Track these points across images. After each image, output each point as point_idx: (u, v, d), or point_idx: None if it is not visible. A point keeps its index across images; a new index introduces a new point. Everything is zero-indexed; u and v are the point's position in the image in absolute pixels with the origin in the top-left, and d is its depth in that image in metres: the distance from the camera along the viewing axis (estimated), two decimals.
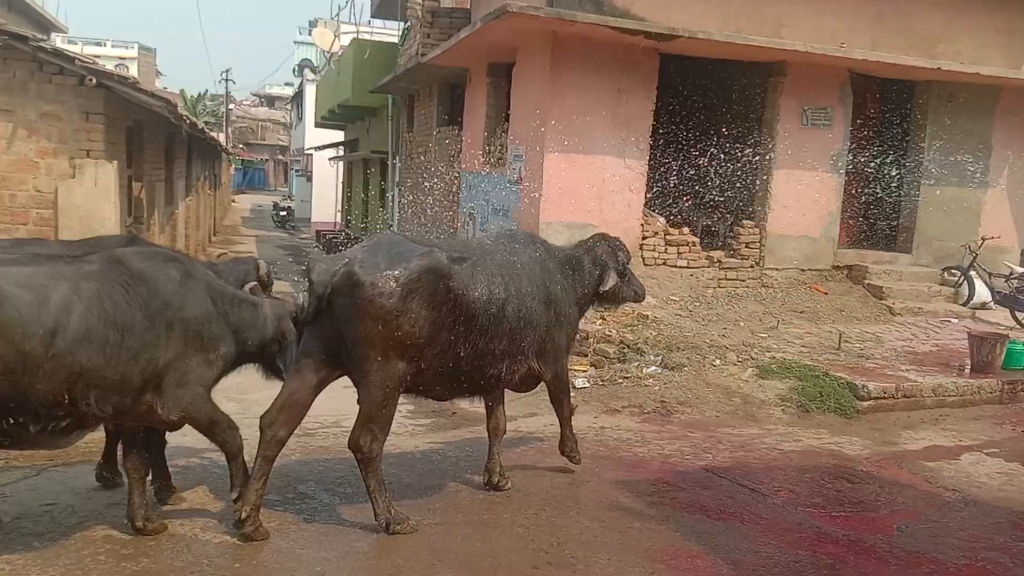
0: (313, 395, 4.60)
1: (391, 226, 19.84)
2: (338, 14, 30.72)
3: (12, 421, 3.70)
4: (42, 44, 7.96)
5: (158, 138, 12.46)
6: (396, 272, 4.34)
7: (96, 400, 3.83)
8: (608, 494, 5.48)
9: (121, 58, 57.13)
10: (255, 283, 5.05)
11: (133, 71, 46.40)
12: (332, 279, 4.34)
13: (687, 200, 11.70)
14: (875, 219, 12.04)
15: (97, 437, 4.93)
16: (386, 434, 4.59)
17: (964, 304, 11.17)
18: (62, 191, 8.11)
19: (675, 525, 5.00)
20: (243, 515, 4.38)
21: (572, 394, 5.92)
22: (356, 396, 4.60)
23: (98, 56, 33.67)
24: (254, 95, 72.80)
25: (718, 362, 8.32)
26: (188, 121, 11.47)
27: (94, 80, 7.96)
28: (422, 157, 16.99)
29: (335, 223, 30.68)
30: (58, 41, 26.97)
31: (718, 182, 11.34)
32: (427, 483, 5.49)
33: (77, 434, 4.09)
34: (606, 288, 5.64)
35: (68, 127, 8.18)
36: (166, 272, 4.15)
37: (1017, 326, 10.47)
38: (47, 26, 31.42)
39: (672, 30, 9.77)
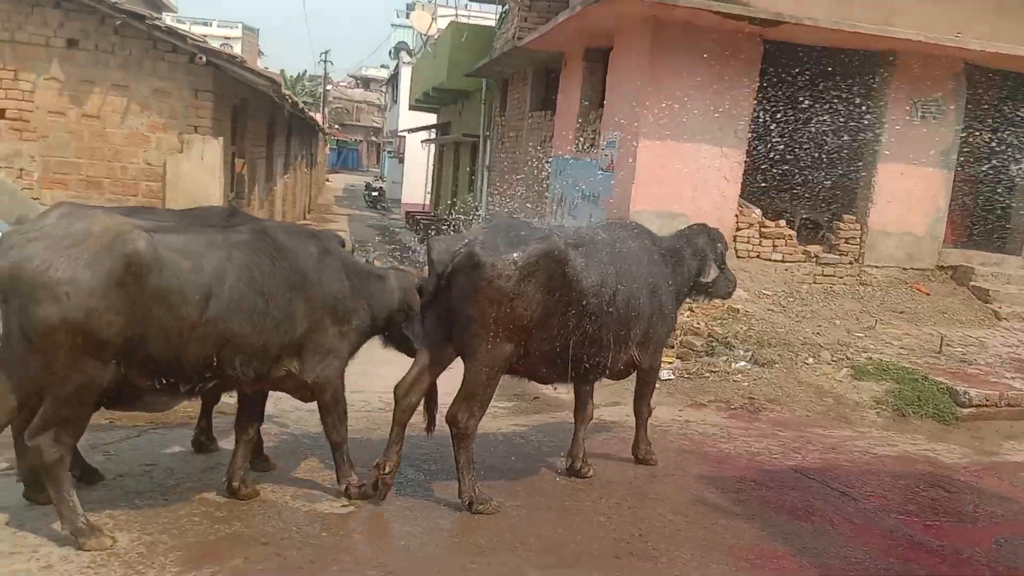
0: (440, 369, 4.75)
1: (478, 209, 19.96)
2: None
3: (165, 381, 3.88)
4: (157, 23, 8.30)
5: (261, 116, 12.84)
6: (515, 255, 4.40)
7: (241, 364, 4.00)
8: (692, 488, 5.40)
9: (226, 38, 58.99)
10: None
11: (237, 51, 47.94)
12: (453, 259, 4.42)
13: (785, 192, 11.37)
14: (984, 218, 11.46)
15: (194, 403, 5.13)
16: (483, 413, 4.66)
17: None
18: (170, 165, 8.45)
19: (761, 524, 4.89)
20: (386, 470, 4.60)
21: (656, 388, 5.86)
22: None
23: (204, 36, 34.94)
24: (351, 76, 74.24)
25: (811, 360, 8.08)
26: (290, 101, 11.78)
27: (204, 58, 8.26)
28: (513, 141, 17.02)
29: (424, 204, 31.09)
30: (168, 20, 28.10)
31: (818, 174, 10.98)
32: (509, 466, 5.52)
33: (180, 397, 4.26)
34: (707, 280, 5.61)
35: (178, 103, 8.51)
36: (307, 247, 4.31)
37: None
38: (158, 5, 32.68)
39: (778, 16, 9.49)
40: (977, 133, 11.28)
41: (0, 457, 4.78)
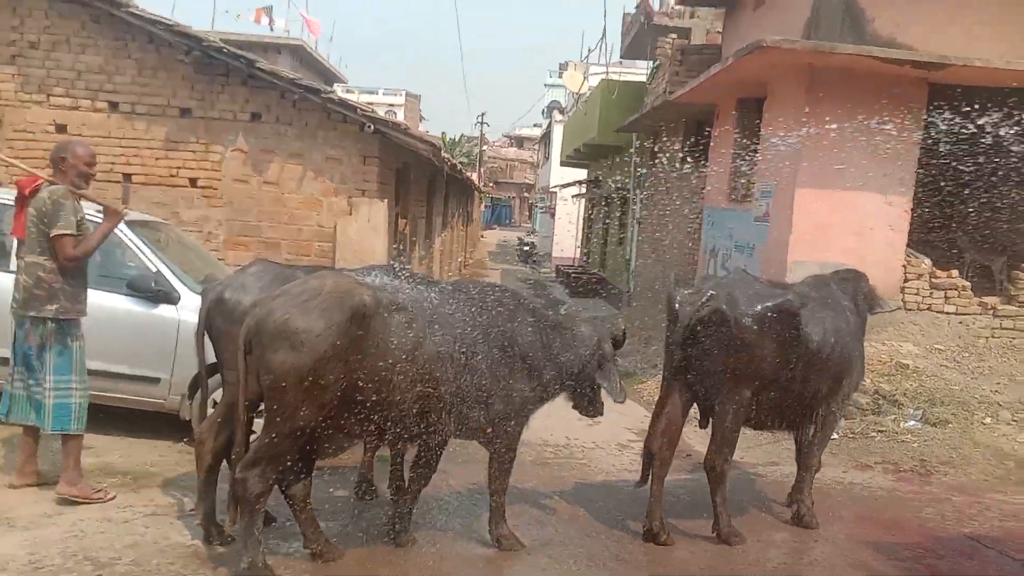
0: (685, 418, 5.23)
1: (629, 262, 19.95)
2: (587, 56, 31.66)
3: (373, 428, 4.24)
4: (331, 96, 8.97)
5: (421, 178, 13.50)
6: (757, 310, 4.86)
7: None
8: (858, 555, 5.13)
9: (391, 105, 62.47)
10: None
11: (400, 116, 50.69)
12: (698, 311, 4.81)
13: (958, 240, 10.71)
14: None
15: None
16: (732, 455, 5.14)
17: None
18: (340, 226, 9.04)
19: None
20: (654, 528, 4.99)
21: None
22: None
23: (371, 103, 37.21)
24: (505, 136, 76.59)
25: (989, 420, 7.53)
26: (448, 163, 12.34)
27: (372, 127, 8.83)
28: (663, 194, 16.97)
29: (574, 258, 31.39)
30: (339, 91, 30.17)
31: (993, 220, 10.28)
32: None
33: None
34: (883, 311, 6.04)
35: (348, 169, 9.13)
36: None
37: None
38: (330, 78, 35.22)
39: (944, 58, 9.09)
40: None
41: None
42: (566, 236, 32.93)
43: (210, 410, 6.06)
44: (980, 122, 11.50)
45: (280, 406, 3.88)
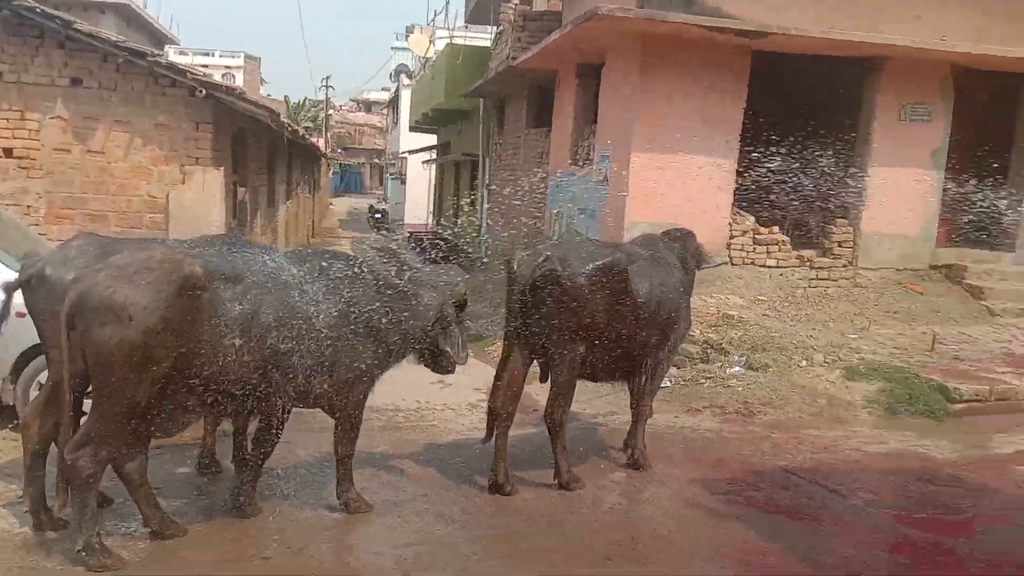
0: (525, 374, 5.41)
1: (480, 228, 20.19)
2: (433, 19, 31.42)
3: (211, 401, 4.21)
4: (158, 59, 8.56)
5: (261, 144, 13.09)
6: (587, 269, 5.11)
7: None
8: (684, 492, 5.54)
9: (228, 67, 59.51)
10: None
11: (239, 80, 48.47)
12: (533, 272, 5.03)
13: (778, 199, 11.50)
14: (977, 217, 11.56)
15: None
16: (570, 406, 5.42)
17: None
18: (173, 196, 8.69)
19: (750, 524, 5.02)
20: (499, 480, 5.20)
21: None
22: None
23: (206, 66, 35.37)
24: (352, 100, 74.85)
25: (804, 363, 8.21)
26: (289, 128, 12.04)
27: (204, 91, 8.50)
28: (511, 159, 17.24)
29: (427, 224, 31.35)
30: (171, 53, 28.50)
31: (810, 180, 11.13)
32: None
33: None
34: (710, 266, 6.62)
35: (179, 136, 8.75)
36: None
37: None
38: (161, 39, 33.21)
39: (765, 27, 9.69)
40: (967, 134, 11.42)
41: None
42: (418, 202, 32.78)
43: (35, 392, 5.83)
44: (797, 88, 12.39)
45: (108, 384, 3.77)
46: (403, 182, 36.83)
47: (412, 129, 29.81)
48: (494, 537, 4.71)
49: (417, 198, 32.80)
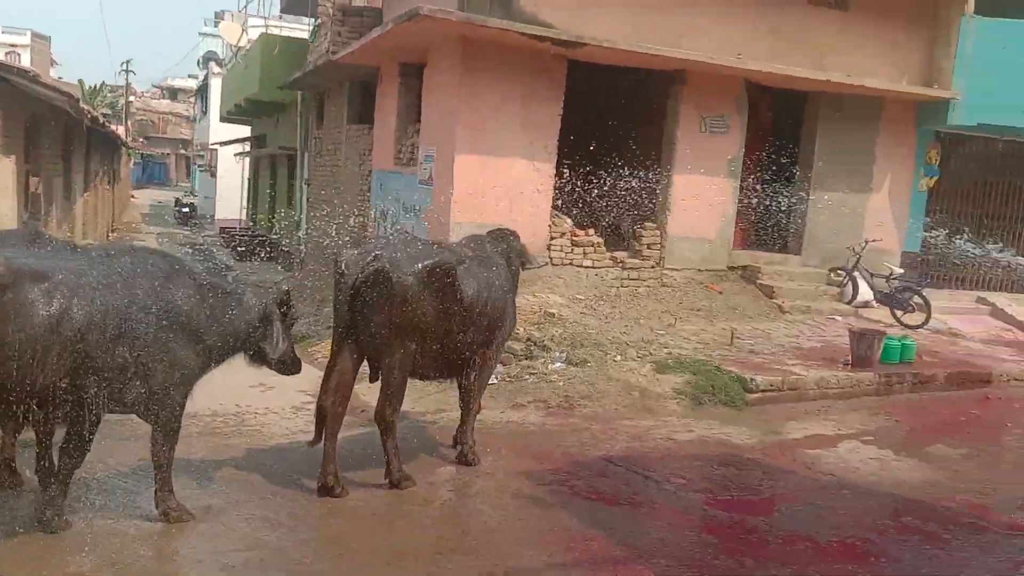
0: (355, 375, 5.41)
1: (299, 224, 19.67)
2: (246, 6, 30.16)
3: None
4: None
5: (56, 132, 12.09)
6: (416, 268, 5.16)
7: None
8: (511, 484, 5.72)
9: (12, 45, 54.20)
10: None
11: (25, 59, 44.26)
12: (362, 272, 4.99)
13: (592, 202, 12.06)
14: (767, 222, 12.68)
15: None
16: (401, 405, 5.46)
17: (848, 303, 11.88)
18: None
19: (573, 511, 5.28)
20: (328, 483, 5.14)
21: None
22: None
23: None
24: (156, 87, 70.45)
25: (619, 358, 8.68)
26: (89, 115, 11.19)
27: None
28: (332, 155, 16.93)
29: (240, 220, 30.09)
30: None
31: (622, 185, 11.76)
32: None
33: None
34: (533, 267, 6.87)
35: None
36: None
37: (895, 323, 11.22)
38: None
39: (579, 38, 10.12)
40: (758, 145, 12.49)
41: None
42: (230, 197, 31.36)
43: None
44: (610, 98, 13.04)
45: None
46: (213, 175, 35.11)
47: (224, 120, 28.49)
48: (324, 539, 4.67)
49: (229, 192, 31.39)
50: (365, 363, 5.55)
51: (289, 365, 5.27)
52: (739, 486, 6.05)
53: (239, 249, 23.28)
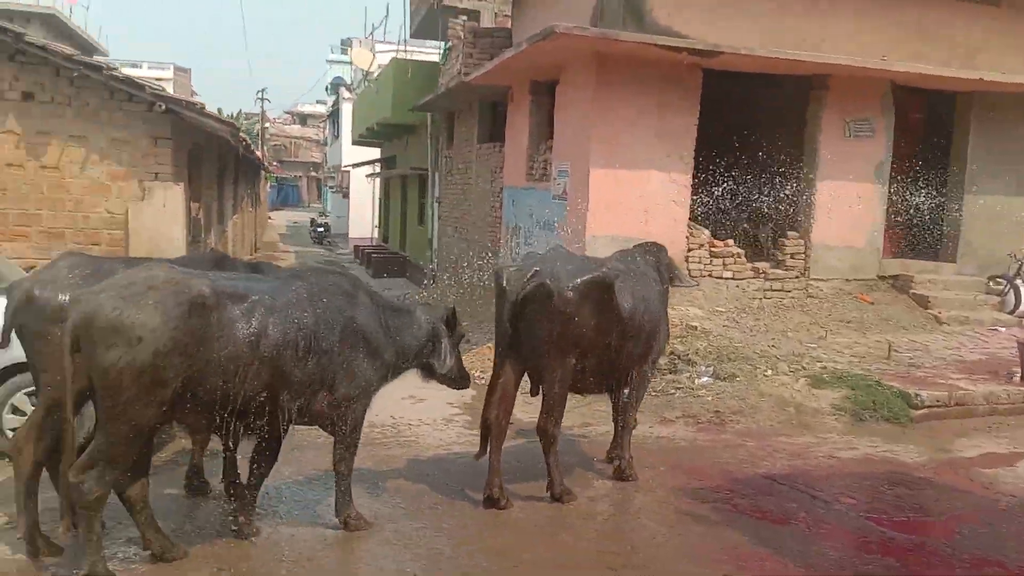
0: (517, 388, 5.43)
1: (431, 241, 20.15)
2: (372, 32, 31.28)
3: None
4: (114, 73, 8.35)
5: (212, 159, 12.86)
6: (576, 283, 5.17)
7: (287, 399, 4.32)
8: (671, 500, 5.65)
9: (158, 79, 58.09)
10: None
11: (170, 92, 47.32)
12: (523, 287, 5.06)
13: (732, 212, 11.82)
14: (919, 229, 12.07)
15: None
16: (562, 419, 5.43)
17: (1010, 312, 11.15)
18: (132, 212, 8.48)
19: (739, 530, 5.15)
20: (494, 495, 5.21)
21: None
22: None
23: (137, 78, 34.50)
24: (287, 113, 73.88)
25: (770, 372, 8.44)
26: (244, 143, 11.87)
27: (164, 106, 8.32)
28: (462, 173, 17.29)
29: (371, 239, 31.13)
30: None
31: (762, 194, 11.48)
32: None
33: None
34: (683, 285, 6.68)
35: (137, 151, 8.56)
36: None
37: None
38: (89, 49, 32.34)
39: (715, 47, 9.96)
40: (907, 149, 11.92)
41: None
42: (362, 216, 32.53)
43: (7, 415, 5.63)
44: (747, 105, 12.76)
45: (116, 406, 3.68)
46: (345, 195, 36.49)
47: (355, 143, 29.58)
48: (494, 551, 4.71)
49: (361, 212, 32.56)
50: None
51: (457, 380, 5.40)
52: (913, 507, 5.75)
53: (373, 266, 24.07)
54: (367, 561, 4.47)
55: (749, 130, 12.89)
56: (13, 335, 4.34)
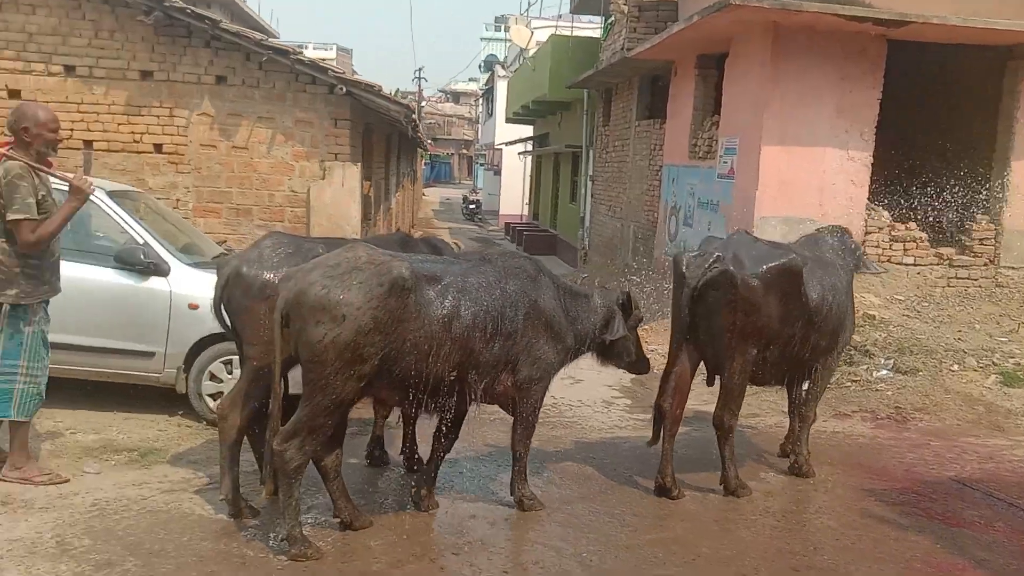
0: (693, 376, 5.29)
1: (583, 219, 20.09)
2: (528, 9, 31.36)
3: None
4: (300, 57, 8.75)
5: (381, 138, 13.31)
6: (762, 270, 4.98)
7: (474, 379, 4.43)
8: (853, 500, 5.38)
9: (322, 60, 60.71)
10: None
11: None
12: (704, 274, 4.92)
13: (913, 193, 11.08)
14: None
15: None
16: (739, 411, 5.27)
17: None
18: (314, 191, 8.90)
19: (933, 536, 4.83)
20: (666, 484, 5.13)
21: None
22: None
23: None
24: (441, 91, 75.52)
25: (956, 367, 7.89)
26: (413, 124, 12.20)
27: (344, 89, 8.66)
28: (619, 150, 17.08)
29: (522, 216, 31.44)
30: None
31: (948, 174, 10.68)
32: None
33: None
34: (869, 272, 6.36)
35: (319, 132, 8.96)
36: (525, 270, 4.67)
37: None
38: (262, 32, 34.15)
39: (903, 16, 9.30)
40: None
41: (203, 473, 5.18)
42: (513, 193, 32.90)
43: (205, 382, 6.06)
44: (935, 78, 11.88)
45: (320, 379, 3.87)
46: (497, 173, 37.00)
47: (509, 120, 29.87)
48: (670, 541, 4.64)
49: (512, 189, 32.94)
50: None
51: (636, 364, 5.35)
52: None
53: (523, 243, 24.31)
54: (544, 543, 4.51)
55: (934, 104, 12.01)
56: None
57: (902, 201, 11.02)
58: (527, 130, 29.96)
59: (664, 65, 14.06)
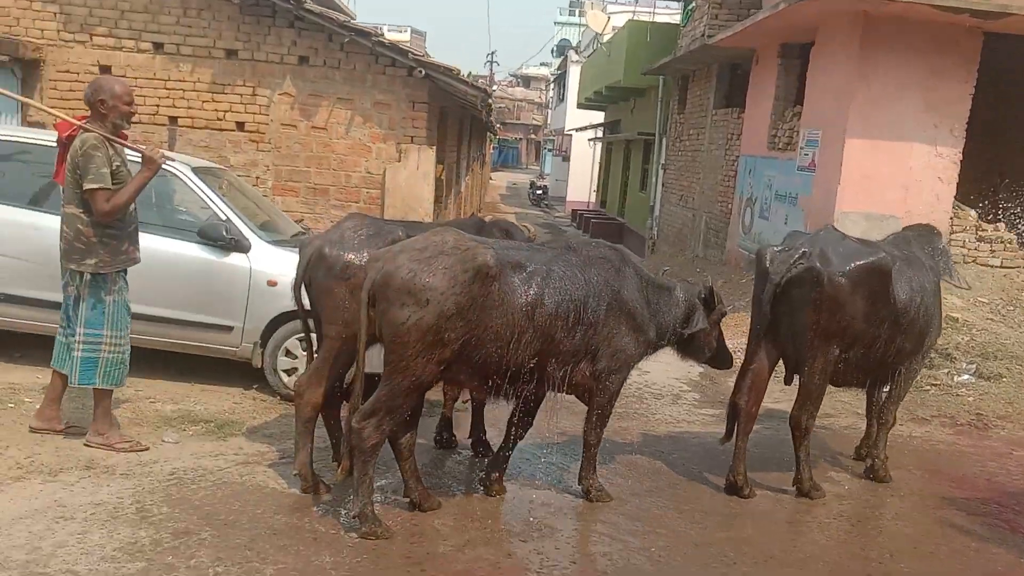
0: (770, 374, 5.19)
1: (652, 208, 19.85)
2: None
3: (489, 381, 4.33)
4: (380, 39, 8.81)
5: (455, 121, 13.35)
6: (849, 268, 4.86)
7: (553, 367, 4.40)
8: (931, 508, 5.22)
9: (396, 42, 61.11)
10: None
11: None
12: (789, 270, 4.82)
13: (1003, 193, 10.65)
14: None
15: None
16: (816, 413, 5.14)
17: None
18: (389, 173, 8.97)
19: (1017, 550, 4.66)
20: (738, 482, 5.06)
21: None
22: None
23: None
24: (512, 76, 75.40)
25: None
26: (488, 108, 12.20)
27: (423, 72, 8.69)
28: (693, 139, 16.79)
29: (589, 203, 31.22)
30: None
31: None
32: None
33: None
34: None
35: (396, 114, 9.03)
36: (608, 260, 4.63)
37: None
38: (342, 13, 34.56)
39: (1004, 7, 8.89)
40: None
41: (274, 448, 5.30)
42: (581, 180, 32.70)
43: (281, 358, 6.18)
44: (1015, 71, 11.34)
45: (401, 360, 3.91)
46: (566, 159, 36.82)
47: (580, 106, 29.65)
48: (740, 542, 4.56)
49: (580, 175, 32.73)
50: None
51: (719, 359, 5.27)
52: None
53: (590, 230, 24.16)
54: (612, 535, 4.48)
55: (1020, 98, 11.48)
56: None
57: (989, 201, 10.60)
58: (598, 116, 29.70)
59: (745, 53, 13.75)
